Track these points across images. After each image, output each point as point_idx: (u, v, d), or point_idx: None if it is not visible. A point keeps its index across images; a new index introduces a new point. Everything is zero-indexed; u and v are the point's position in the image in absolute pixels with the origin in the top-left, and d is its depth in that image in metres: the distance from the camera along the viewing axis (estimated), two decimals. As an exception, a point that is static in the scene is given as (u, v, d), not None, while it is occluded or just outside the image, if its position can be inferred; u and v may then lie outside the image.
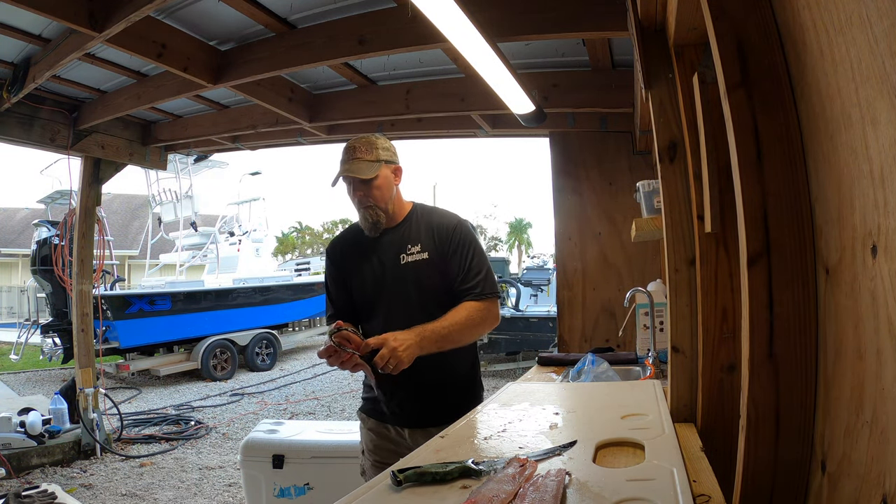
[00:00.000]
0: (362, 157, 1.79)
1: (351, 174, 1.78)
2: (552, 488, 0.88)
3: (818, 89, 0.70)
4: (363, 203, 1.82)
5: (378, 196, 1.81)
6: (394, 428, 1.86)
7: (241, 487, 3.82)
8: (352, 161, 1.79)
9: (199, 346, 9.06)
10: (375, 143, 1.82)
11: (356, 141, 1.82)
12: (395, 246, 1.84)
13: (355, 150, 1.80)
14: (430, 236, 1.83)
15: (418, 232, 1.85)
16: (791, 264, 0.79)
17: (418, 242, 1.83)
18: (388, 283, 1.83)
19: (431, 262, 1.81)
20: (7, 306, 20.55)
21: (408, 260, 1.82)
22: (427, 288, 1.81)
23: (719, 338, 1.38)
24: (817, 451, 0.78)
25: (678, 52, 1.52)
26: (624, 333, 3.23)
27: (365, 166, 1.78)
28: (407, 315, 1.77)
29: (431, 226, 1.85)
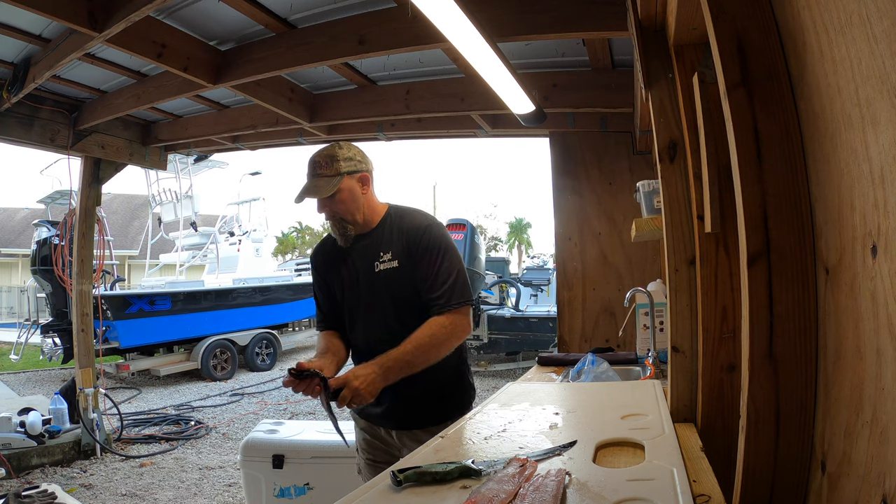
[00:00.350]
0: (323, 173, 1.76)
1: (309, 195, 1.76)
2: (552, 488, 0.88)
3: (818, 89, 0.70)
4: (328, 217, 1.82)
5: (343, 209, 1.78)
6: (382, 428, 1.88)
7: (241, 487, 3.82)
8: (312, 178, 1.77)
9: (199, 346, 9.06)
10: (336, 156, 1.78)
11: (318, 154, 1.79)
12: (369, 253, 1.81)
13: (316, 165, 1.78)
14: (401, 242, 1.79)
15: (390, 238, 1.81)
16: (791, 264, 0.79)
17: (389, 250, 1.79)
18: (364, 291, 1.81)
19: (402, 271, 1.77)
20: (7, 306, 20.56)
21: (380, 268, 1.79)
22: (400, 297, 1.78)
23: (719, 338, 1.38)
24: (817, 451, 0.78)
25: (678, 52, 1.52)
26: (624, 333, 3.23)
27: (324, 183, 1.76)
28: (384, 325, 1.78)
29: (402, 231, 1.81)
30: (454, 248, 1.81)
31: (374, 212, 1.84)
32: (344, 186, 1.76)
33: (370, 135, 4.59)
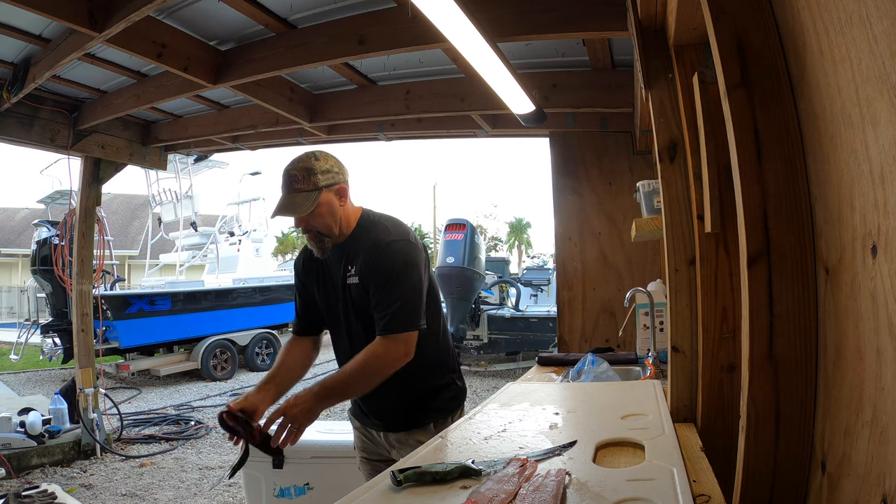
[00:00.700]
0: (300, 188, 1.69)
1: (286, 213, 1.70)
2: (552, 488, 0.88)
3: (818, 89, 0.70)
4: (304, 232, 1.77)
5: (321, 224, 1.72)
6: (373, 429, 1.92)
7: (241, 487, 3.82)
8: (289, 194, 1.70)
9: (199, 346, 9.06)
10: (313, 168, 1.70)
11: (294, 168, 1.71)
12: (340, 265, 1.78)
13: (293, 180, 1.70)
14: (362, 258, 1.73)
15: (356, 252, 1.75)
16: (791, 264, 0.79)
17: (354, 264, 1.75)
18: (338, 302, 1.80)
19: (361, 287, 1.73)
20: (7, 306, 20.56)
21: (349, 282, 1.76)
22: (364, 313, 1.74)
23: (719, 338, 1.38)
24: (817, 451, 0.78)
25: (678, 52, 1.52)
26: (624, 333, 3.23)
27: (301, 200, 1.68)
28: (356, 337, 1.78)
29: (365, 245, 1.74)
30: (411, 269, 1.70)
31: (348, 223, 1.77)
32: (322, 201, 1.69)
33: (370, 135, 4.59)
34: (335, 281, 1.80)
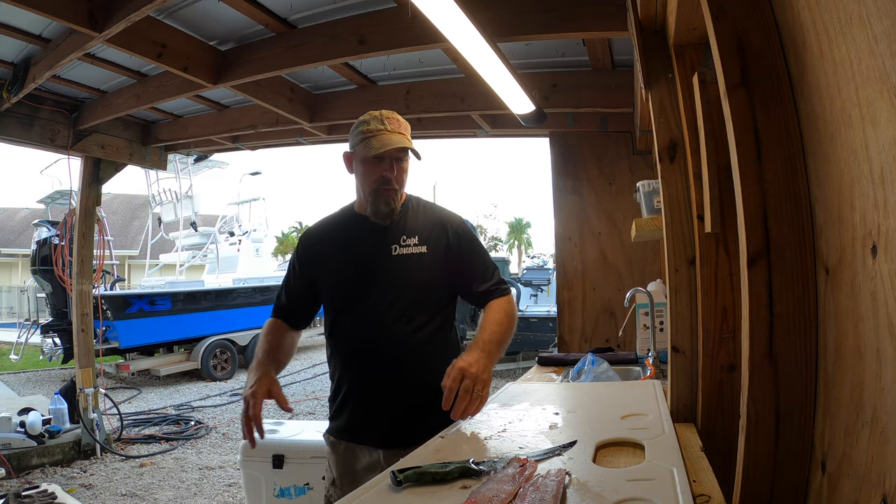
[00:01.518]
0: (404, 133, 1.60)
1: (405, 144, 1.57)
2: (552, 488, 0.88)
3: (818, 89, 0.70)
4: (391, 184, 1.61)
5: (404, 180, 1.65)
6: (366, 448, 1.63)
7: (241, 487, 3.82)
8: (395, 133, 1.58)
9: (199, 346, 9.06)
10: (402, 121, 1.63)
11: (388, 112, 1.62)
12: (387, 237, 1.65)
13: (395, 122, 1.60)
14: (433, 230, 1.67)
15: (415, 224, 1.67)
16: (791, 264, 0.79)
17: (415, 234, 1.65)
18: (378, 275, 1.63)
19: (431, 258, 1.64)
20: (7, 306, 20.57)
21: (401, 252, 1.64)
22: (423, 283, 1.64)
23: (719, 338, 1.38)
24: (817, 451, 0.78)
25: (678, 52, 1.52)
26: (624, 333, 3.23)
27: (408, 141, 1.59)
28: (396, 310, 1.62)
29: (432, 219, 1.69)
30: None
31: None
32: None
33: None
34: (374, 254, 1.64)
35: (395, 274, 1.63)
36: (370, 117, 1.61)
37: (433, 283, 1.66)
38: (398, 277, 1.63)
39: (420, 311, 1.64)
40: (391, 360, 1.61)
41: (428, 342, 1.64)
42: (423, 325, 1.64)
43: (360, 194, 1.69)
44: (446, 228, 1.68)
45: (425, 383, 1.55)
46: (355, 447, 1.65)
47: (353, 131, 1.64)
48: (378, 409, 1.63)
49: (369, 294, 1.63)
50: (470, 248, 1.69)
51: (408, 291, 1.63)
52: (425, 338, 1.64)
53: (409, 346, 1.62)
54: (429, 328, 1.65)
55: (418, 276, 1.63)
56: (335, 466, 1.70)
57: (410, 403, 1.61)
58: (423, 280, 1.64)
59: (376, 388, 1.62)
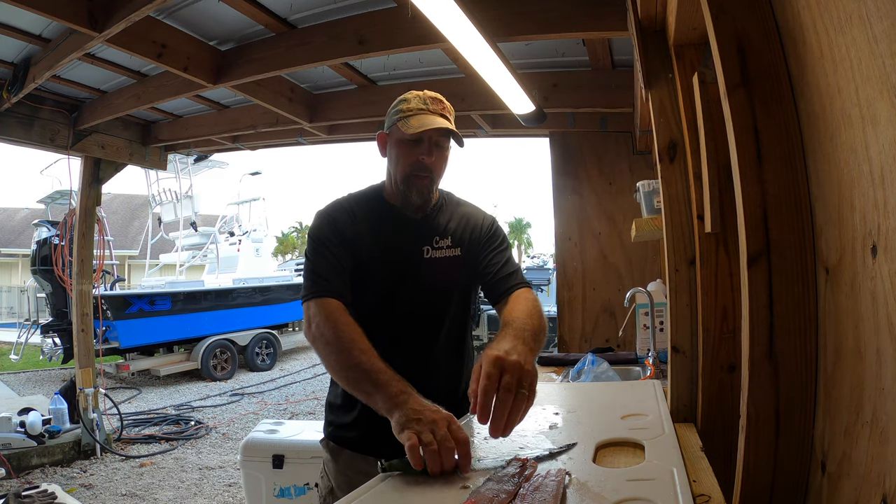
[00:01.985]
0: (449, 117, 1.45)
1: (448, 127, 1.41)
2: (552, 488, 0.88)
3: (818, 89, 0.70)
4: (428, 171, 1.44)
5: (442, 169, 1.48)
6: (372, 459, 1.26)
7: (241, 487, 3.82)
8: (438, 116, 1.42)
9: (199, 346, 9.06)
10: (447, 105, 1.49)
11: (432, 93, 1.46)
12: (418, 235, 1.49)
13: (441, 104, 1.45)
14: (465, 231, 1.53)
15: (448, 223, 1.53)
16: (791, 264, 0.79)
17: (448, 235, 1.51)
18: (408, 278, 1.46)
19: (464, 260, 1.51)
20: (7, 306, 20.57)
21: (434, 255, 1.48)
22: (455, 289, 1.51)
23: (719, 338, 1.38)
24: (817, 451, 0.78)
25: (678, 52, 1.52)
26: (624, 333, 3.23)
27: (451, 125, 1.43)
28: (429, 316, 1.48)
29: (464, 219, 1.56)
30: None
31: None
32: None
33: (370, 135, 4.59)
34: (405, 254, 1.47)
35: (428, 279, 1.47)
36: (412, 96, 1.45)
37: (464, 289, 1.54)
38: (431, 283, 1.47)
39: (449, 317, 1.52)
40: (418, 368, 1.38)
41: (455, 349, 1.55)
42: (450, 332, 1.52)
43: (392, 181, 1.49)
44: (480, 228, 1.56)
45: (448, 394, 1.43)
46: (361, 457, 1.47)
47: (391, 110, 1.47)
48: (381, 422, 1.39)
49: (398, 296, 1.46)
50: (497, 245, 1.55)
51: (439, 298, 1.49)
52: (453, 345, 1.54)
53: (436, 354, 1.50)
54: (455, 335, 1.55)
55: (451, 282, 1.50)
56: (335, 475, 1.52)
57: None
58: (455, 287, 1.51)
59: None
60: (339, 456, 1.53)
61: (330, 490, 1.54)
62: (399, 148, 1.45)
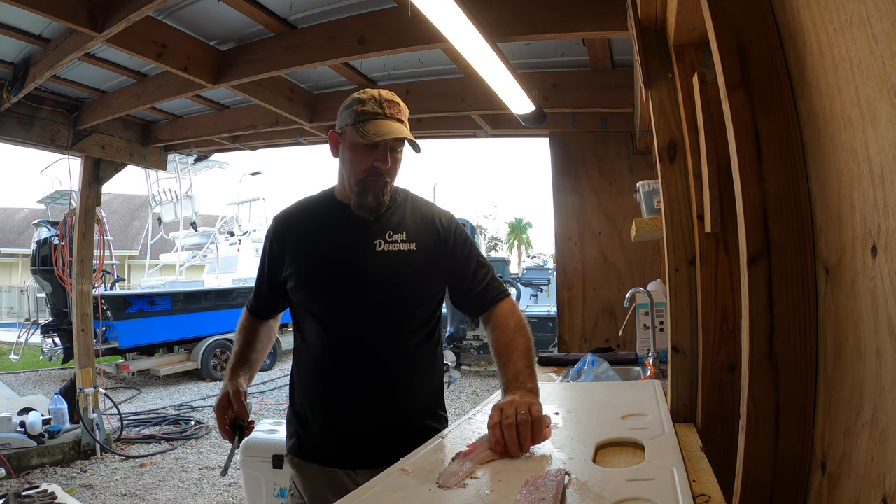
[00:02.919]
0: (403, 120, 1.43)
1: (405, 136, 1.39)
2: (552, 488, 0.88)
3: (818, 89, 0.70)
4: (383, 176, 1.43)
5: (396, 172, 1.47)
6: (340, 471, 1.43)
7: (241, 487, 3.82)
8: (392, 120, 1.40)
9: (199, 346, 9.06)
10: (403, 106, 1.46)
11: (388, 94, 1.44)
12: (371, 231, 1.46)
13: (394, 106, 1.42)
14: (421, 227, 1.50)
15: (402, 218, 1.50)
16: (791, 264, 0.79)
17: (403, 230, 1.48)
18: (359, 274, 1.44)
19: (420, 256, 1.47)
20: (7, 306, 20.56)
21: (387, 248, 1.45)
22: (410, 283, 1.47)
23: (719, 338, 1.38)
24: (817, 451, 0.78)
25: (678, 52, 1.52)
26: (624, 333, 3.23)
27: (407, 131, 1.41)
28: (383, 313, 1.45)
29: (420, 215, 1.53)
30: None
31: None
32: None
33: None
34: (356, 248, 1.46)
35: (379, 272, 1.44)
36: (367, 97, 1.41)
37: (421, 285, 1.49)
38: (382, 276, 1.44)
39: (406, 315, 1.47)
40: (374, 372, 1.43)
41: (414, 351, 1.48)
42: (409, 331, 1.48)
43: (345, 182, 1.49)
44: (437, 225, 1.52)
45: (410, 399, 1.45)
46: (329, 470, 1.44)
47: (345, 109, 1.44)
48: (358, 428, 1.43)
49: (348, 294, 1.44)
50: (462, 250, 1.52)
51: (393, 292, 1.45)
52: (412, 346, 1.48)
53: (394, 355, 1.45)
54: (416, 336, 1.49)
55: (405, 275, 1.45)
56: (306, 491, 1.49)
57: (393, 422, 1.43)
58: (410, 280, 1.46)
59: (354, 405, 1.43)
60: (306, 471, 1.49)
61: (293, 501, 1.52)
62: (353, 152, 1.43)
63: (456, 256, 1.51)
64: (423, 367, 1.52)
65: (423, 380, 1.51)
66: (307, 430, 1.49)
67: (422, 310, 1.50)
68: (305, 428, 1.50)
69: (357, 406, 1.43)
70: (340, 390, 1.45)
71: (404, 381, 1.46)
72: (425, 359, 1.52)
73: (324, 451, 1.46)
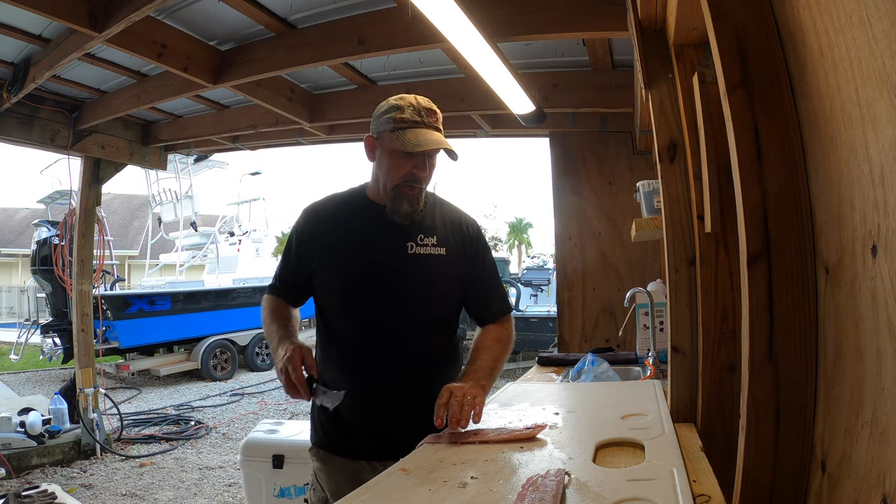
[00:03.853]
0: (440, 128, 1.47)
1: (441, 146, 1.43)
2: (552, 488, 0.88)
3: (818, 89, 0.70)
4: (419, 184, 1.47)
5: (430, 177, 1.50)
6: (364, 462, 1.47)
7: (241, 487, 3.81)
8: (432, 129, 1.44)
9: (199, 346, 9.06)
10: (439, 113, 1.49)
11: (426, 102, 1.47)
12: (402, 233, 1.50)
13: (434, 116, 1.46)
14: (451, 231, 1.56)
15: (433, 222, 1.54)
16: (791, 264, 0.79)
17: (433, 234, 1.52)
18: (391, 275, 1.49)
19: (449, 261, 1.52)
20: (7, 306, 20.56)
21: (418, 251, 1.49)
22: (440, 286, 1.53)
23: (719, 338, 1.38)
24: (817, 451, 0.78)
25: (678, 52, 1.52)
26: (624, 333, 3.23)
27: (445, 140, 1.45)
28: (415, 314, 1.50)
29: (450, 219, 1.58)
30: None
31: None
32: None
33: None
34: (386, 250, 1.49)
35: (411, 275, 1.49)
36: (405, 104, 1.45)
37: (449, 288, 1.56)
38: (414, 279, 1.50)
39: (435, 316, 1.54)
40: (404, 370, 1.49)
41: (441, 349, 1.56)
42: (436, 331, 1.55)
43: (381, 186, 1.51)
44: (463, 231, 1.58)
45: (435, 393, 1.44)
46: (354, 462, 1.49)
47: (382, 115, 1.47)
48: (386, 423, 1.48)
49: (380, 295, 1.49)
50: (481, 257, 1.60)
51: (423, 295, 1.51)
52: (438, 344, 1.56)
53: (423, 354, 1.51)
54: (442, 335, 1.57)
55: (435, 279, 1.52)
56: (327, 483, 1.53)
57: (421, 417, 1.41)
58: (439, 284, 1.53)
59: (385, 401, 1.48)
60: (329, 462, 1.53)
61: (324, 500, 1.54)
62: (391, 158, 1.47)
63: (476, 265, 1.59)
64: (448, 362, 1.59)
65: (447, 375, 1.55)
66: (334, 424, 1.52)
67: (447, 310, 1.58)
68: (333, 422, 1.52)
69: (387, 401, 1.48)
70: (371, 386, 1.49)
71: (432, 377, 1.50)
72: (449, 354, 1.60)
73: (351, 444, 1.50)
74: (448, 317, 1.58)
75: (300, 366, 1.37)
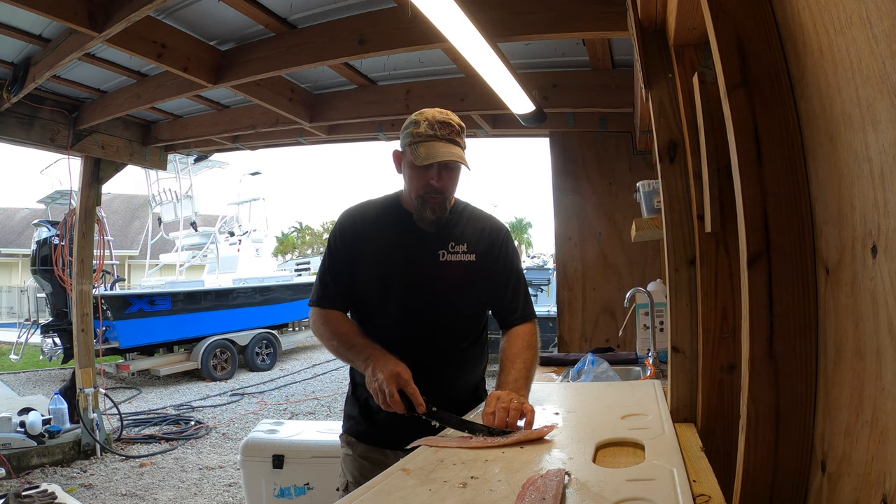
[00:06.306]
0: (460, 143, 1.54)
1: (454, 159, 1.49)
2: (552, 488, 0.88)
3: (818, 89, 0.70)
4: (441, 194, 1.53)
5: (453, 189, 1.57)
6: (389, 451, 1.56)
7: (241, 487, 3.82)
8: (450, 143, 1.51)
9: (199, 346, 9.06)
10: (463, 127, 1.56)
11: (453, 119, 1.54)
12: (433, 240, 1.58)
13: (453, 131, 1.52)
14: (480, 238, 1.62)
15: (463, 229, 1.62)
16: (791, 264, 0.79)
17: (464, 241, 1.60)
18: (424, 280, 1.56)
19: (479, 267, 1.60)
20: (7, 306, 20.55)
21: (449, 258, 1.57)
22: (469, 293, 1.61)
23: (719, 338, 1.38)
24: (817, 451, 0.78)
25: (678, 52, 1.52)
26: (624, 333, 3.23)
27: (462, 153, 1.52)
28: (446, 317, 1.59)
29: (480, 226, 1.65)
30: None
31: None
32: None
33: (370, 135, 4.59)
34: (419, 257, 1.57)
35: (443, 282, 1.57)
36: (422, 118, 1.53)
37: (479, 293, 1.63)
38: (446, 285, 1.58)
39: (464, 319, 1.63)
40: (435, 368, 1.56)
41: (469, 350, 1.66)
42: (466, 333, 1.64)
43: (409, 195, 1.60)
44: (493, 237, 1.64)
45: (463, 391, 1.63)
46: (377, 449, 1.61)
47: (404, 130, 1.57)
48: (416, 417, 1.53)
49: (414, 301, 1.57)
50: (512, 264, 1.66)
51: (454, 300, 1.60)
52: (467, 346, 1.65)
53: (453, 354, 1.61)
54: (471, 337, 1.65)
55: (466, 285, 1.60)
56: (351, 468, 1.64)
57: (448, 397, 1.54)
58: (470, 289, 1.61)
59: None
60: (355, 449, 1.65)
61: (346, 485, 1.66)
62: (411, 170, 1.55)
63: (503, 271, 1.65)
64: (474, 363, 1.69)
65: (473, 375, 1.69)
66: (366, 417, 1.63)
67: (477, 314, 1.67)
68: (367, 416, 1.63)
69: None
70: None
71: (461, 376, 1.64)
72: (476, 356, 1.70)
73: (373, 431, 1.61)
74: (477, 321, 1.67)
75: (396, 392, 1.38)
